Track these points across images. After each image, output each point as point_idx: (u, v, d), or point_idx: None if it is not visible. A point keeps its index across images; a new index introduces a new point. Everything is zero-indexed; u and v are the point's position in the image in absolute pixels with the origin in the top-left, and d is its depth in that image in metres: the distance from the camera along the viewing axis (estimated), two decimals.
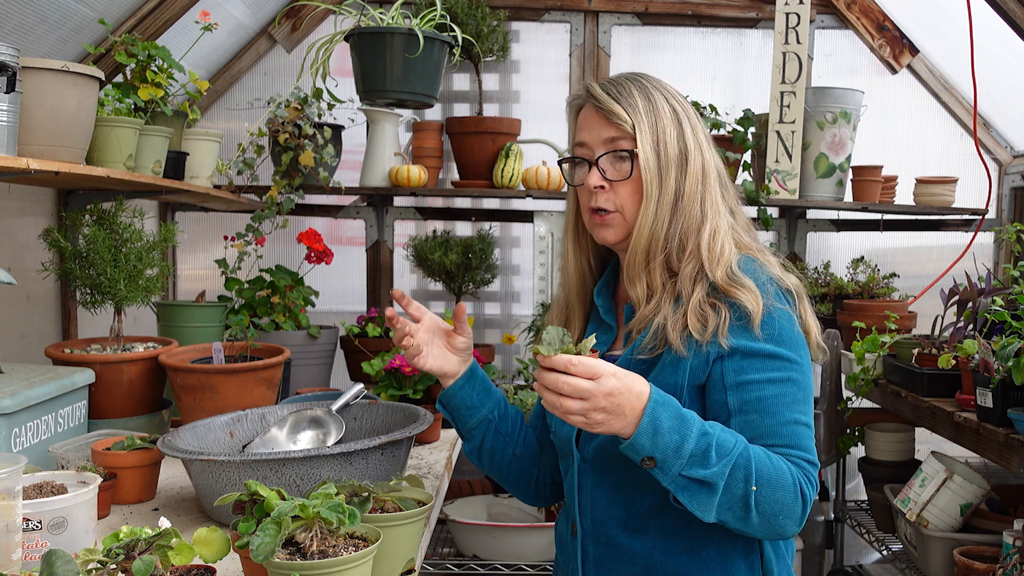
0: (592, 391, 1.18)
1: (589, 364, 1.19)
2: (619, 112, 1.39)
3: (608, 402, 1.19)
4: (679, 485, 1.23)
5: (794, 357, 1.33)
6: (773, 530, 1.27)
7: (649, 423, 1.21)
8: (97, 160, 2.00)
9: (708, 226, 1.39)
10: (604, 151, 1.41)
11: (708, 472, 1.21)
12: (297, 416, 1.84)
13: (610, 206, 1.42)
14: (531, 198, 3.15)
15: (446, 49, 2.60)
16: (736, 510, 1.24)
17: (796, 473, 1.27)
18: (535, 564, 2.81)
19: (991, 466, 2.80)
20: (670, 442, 1.21)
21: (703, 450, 1.22)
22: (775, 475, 1.24)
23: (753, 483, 1.22)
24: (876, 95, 3.30)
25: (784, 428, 1.30)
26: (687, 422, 1.23)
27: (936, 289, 3.05)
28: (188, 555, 1.15)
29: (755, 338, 1.32)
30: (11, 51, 1.56)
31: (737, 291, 1.33)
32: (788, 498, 1.25)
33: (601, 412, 1.20)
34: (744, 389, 1.31)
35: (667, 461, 1.21)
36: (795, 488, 1.26)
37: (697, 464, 1.21)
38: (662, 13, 3.40)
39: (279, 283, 2.86)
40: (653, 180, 1.38)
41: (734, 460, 1.23)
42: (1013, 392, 1.99)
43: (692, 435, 1.22)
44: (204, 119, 3.25)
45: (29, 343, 2.34)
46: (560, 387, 1.19)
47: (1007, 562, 2.05)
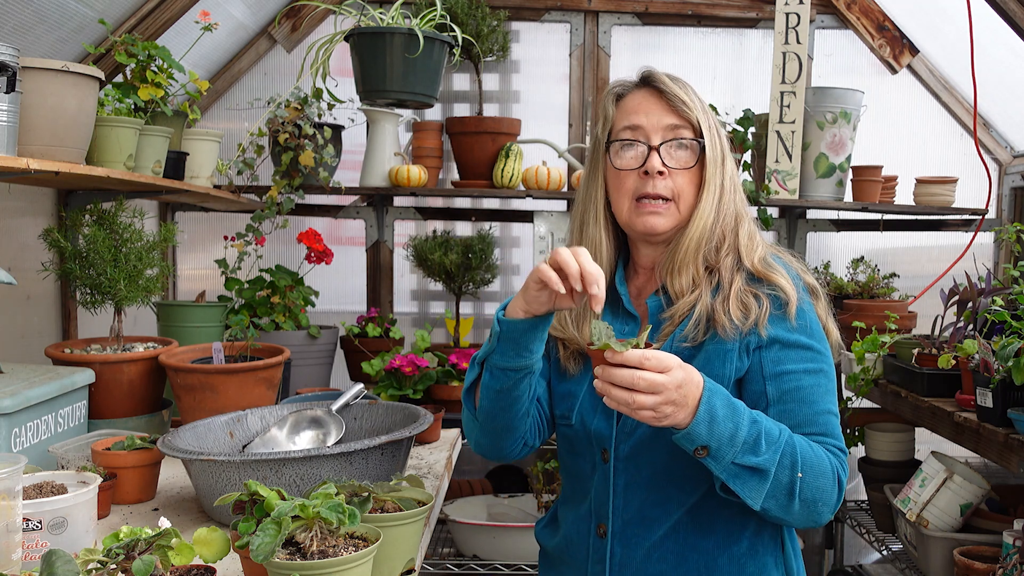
0: (666, 384, 1.18)
1: (661, 358, 1.18)
2: (688, 100, 1.42)
3: (678, 394, 1.19)
4: (731, 473, 1.24)
5: (823, 350, 1.38)
6: (811, 517, 1.29)
7: (706, 412, 1.21)
8: (97, 160, 2.00)
9: (746, 222, 1.45)
10: (668, 137, 1.41)
11: (759, 460, 1.23)
12: (297, 416, 1.84)
13: (667, 193, 1.41)
14: (531, 198, 3.15)
15: (446, 49, 2.60)
16: (781, 497, 1.26)
17: (833, 461, 1.30)
18: (535, 564, 2.81)
19: (991, 466, 2.80)
20: (725, 430, 1.22)
21: (755, 438, 1.23)
22: (817, 463, 1.28)
23: (799, 470, 1.25)
24: (876, 95, 3.30)
25: (820, 417, 1.33)
26: (738, 411, 1.25)
27: (936, 289, 3.05)
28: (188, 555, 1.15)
29: (791, 329, 1.36)
30: (11, 51, 1.56)
31: (774, 275, 1.38)
32: (828, 485, 1.28)
33: (671, 405, 1.19)
34: (783, 379, 1.34)
35: (722, 449, 1.22)
36: (834, 475, 1.29)
37: (749, 452, 1.23)
38: (662, 13, 3.40)
39: (279, 283, 2.86)
40: (715, 172, 1.42)
41: (782, 448, 1.25)
42: (1013, 392, 1.99)
43: (744, 423, 1.23)
44: (204, 119, 3.25)
45: (29, 343, 2.34)
46: (636, 383, 1.17)
47: (1007, 562, 2.05)
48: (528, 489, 3.26)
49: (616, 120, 1.47)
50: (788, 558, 1.43)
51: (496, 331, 1.34)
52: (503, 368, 1.35)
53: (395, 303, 3.47)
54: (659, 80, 1.44)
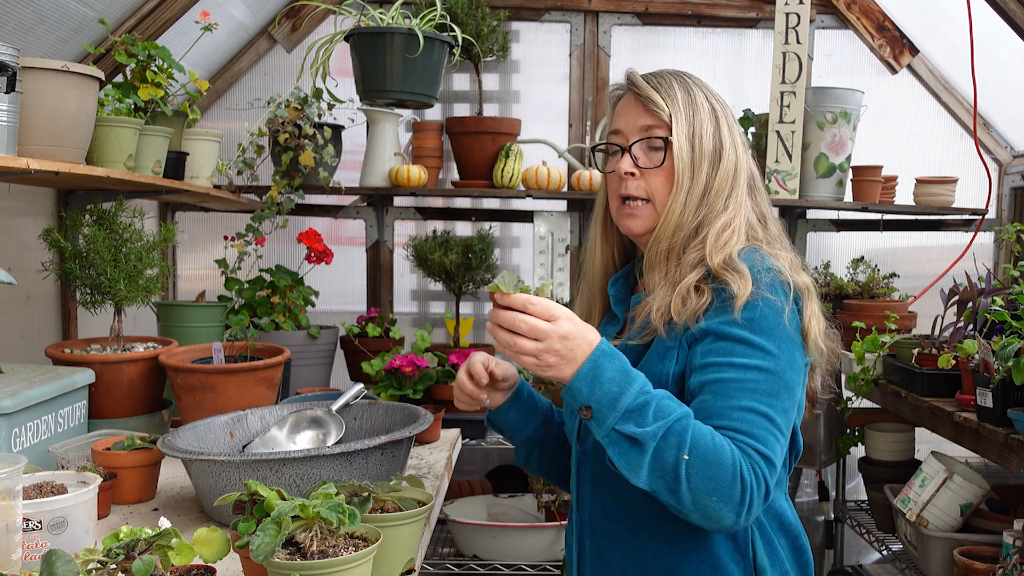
0: (548, 332, 1.19)
1: (547, 305, 1.20)
2: (657, 100, 1.40)
3: (562, 345, 1.19)
4: (611, 440, 1.21)
5: (768, 347, 1.28)
6: (707, 512, 1.20)
7: (590, 369, 1.20)
8: (97, 160, 2.00)
9: (724, 218, 1.38)
10: (638, 138, 1.42)
11: (640, 431, 1.19)
12: (297, 416, 1.84)
13: (640, 193, 1.42)
14: (531, 198, 3.15)
15: (446, 49, 2.60)
16: (668, 479, 1.19)
17: (739, 457, 1.20)
18: (535, 564, 2.81)
19: (991, 466, 2.80)
20: (607, 392, 1.20)
21: (640, 407, 1.20)
22: (713, 452, 1.19)
23: (685, 452, 1.18)
24: (876, 95, 3.30)
25: (735, 412, 1.24)
26: (630, 378, 1.22)
27: (936, 289, 3.05)
28: (188, 555, 1.15)
29: (730, 323, 1.29)
30: (11, 51, 1.56)
31: (727, 274, 1.31)
32: (724, 479, 1.18)
33: (554, 355, 1.19)
34: (706, 371, 1.28)
35: (603, 411, 1.20)
36: (734, 471, 1.19)
37: (631, 421, 1.19)
38: (662, 13, 3.40)
39: (279, 283, 2.86)
40: (685, 171, 1.39)
41: (670, 425, 1.19)
42: (1013, 392, 1.99)
43: (631, 391, 1.20)
44: (204, 119, 3.25)
45: (29, 343, 2.34)
46: (517, 325, 1.19)
47: (1007, 562, 2.05)
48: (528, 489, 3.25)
49: (609, 126, 1.50)
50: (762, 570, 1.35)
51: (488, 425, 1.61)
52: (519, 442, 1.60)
53: (395, 303, 3.47)
54: (634, 81, 1.45)
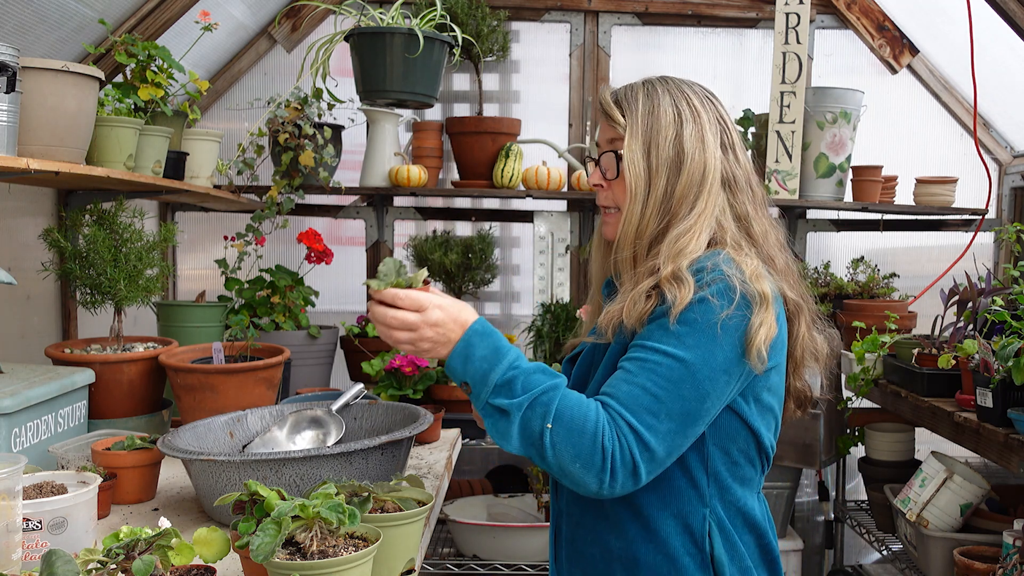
0: (417, 323, 1.27)
1: (415, 297, 1.28)
2: (614, 115, 1.45)
3: (434, 332, 1.28)
4: (486, 412, 1.29)
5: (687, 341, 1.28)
6: (573, 478, 1.26)
7: (462, 348, 1.29)
8: (97, 160, 2.00)
9: (683, 225, 1.38)
10: (603, 151, 1.48)
11: (508, 402, 1.27)
12: (297, 416, 1.84)
13: (608, 203, 1.48)
14: (531, 198, 3.15)
15: (446, 49, 2.60)
16: (536, 446, 1.26)
17: (605, 426, 1.25)
18: (535, 564, 2.81)
19: (991, 466, 2.80)
20: (479, 369, 1.28)
21: (508, 381, 1.28)
22: (578, 420, 1.25)
23: (549, 421, 1.25)
24: (876, 95, 3.30)
25: (626, 386, 1.29)
26: (501, 354, 1.29)
27: (936, 289, 3.05)
28: (188, 555, 1.15)
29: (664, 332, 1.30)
30: (11, 51, 1.56)
31: (668, 284, 1.32)
32: (585, 445, 1.24)
33: (427, 341, 1.29)
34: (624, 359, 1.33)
35: (477, 387, 1.29)
36: (596, 438, 1.24)
37: (502, 394, 1.27)
38: (662, 13, 3.40)
39: (279, 283, 2.86)
40: (639, 181, 1.40)
41: (536, 396, 1.27)
42: (1013, 392, 1.99)
43: (501, 366, 1.28)
44: (204, 119, 3.25)
45: (29, 343, 2.34)
46: (388, 321, 1.28)
47: (1007, 562, 2.05)
48: (528, 489, 3.26)
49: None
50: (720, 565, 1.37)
51: None
52: None
53: None
54: (600, 97, 1.50)
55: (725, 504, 1.39)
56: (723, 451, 1.37)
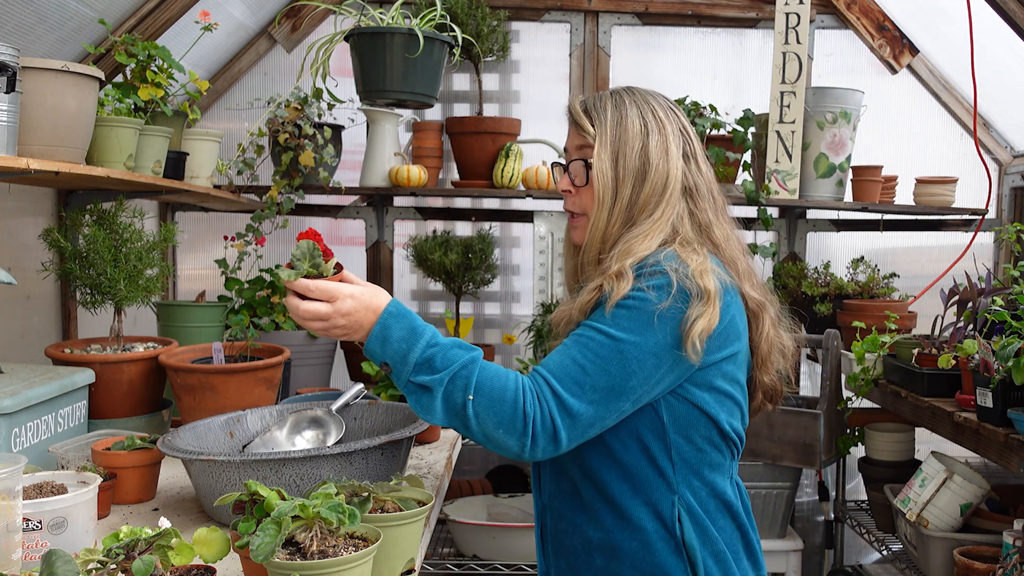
0: (329, 313, 1.33)
1: (325, 288, 1.33)
2: (583, 124, 1.52)
3: (346, 320, 1.34)
4: (408, 390, 1.34)
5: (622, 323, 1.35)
6: (497, 442, 1.33)
7: (379, 331, 1.34)
8: (97, 160, 2.00)
9: (638, 228, 1.44)
10: (573, 158, 1.54)
11: (429, 379, 1.32)
12: (297, 416, 1.84)
13: (576, 209, 1.54)
14: (531, 198, 3.15)
15: (446, 49, 2.60)
16: (460, 416, 1.32)
17: (525, 390, 1.31)
18: (535, 564, 2.81)
19: (991, 466, 2.80)
20: (398, 350, 1.33)
21: (427, 359, 1.32)
22: (498, 389, 1.31)
23: (470, 393, 1.30)
24: (876, 95, 3.30)
25: (556, 356, 1.36)
26: (417, 334, 1.34)
27: (936, 289, 3.05)
28: (188, 555, 1.15)
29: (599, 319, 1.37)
30: (11, 51, 1.56)
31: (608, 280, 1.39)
32: (506, 411, 1.30)
33: (340, 329, 1.35)
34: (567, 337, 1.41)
35: (398, 367, 1.34)
36: (516, 403, 1.30)
37: (423, 372, 1.32)
38: (662, 13, 3.40)
39: (279, 283, 2.86)
40: (607, 189, 1.47)
41: (456, 371, 1.32)
42: (1013, 392, 1.99)
43: (419, 346, 1.33)
44: (204, 119, 3.25)
45: (29, 343, 2.34)
46: (300, 312, 1.34)
47: (1007, 562, 2.05)
48: (528, 489, 3.25)
49: None
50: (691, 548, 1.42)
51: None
52: None
53: None
54: (569, 106, 1.57)
55: (693, 490, 1.44)
56: (685, 439, 1.42)
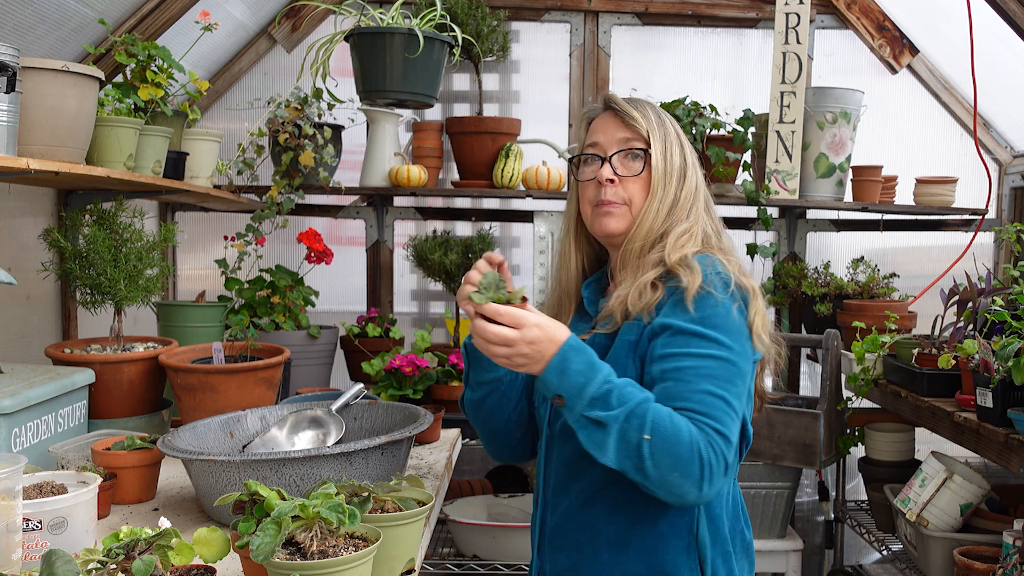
0: (515, 339, 1.32)
1: (514, 314, 1.32)
2: (636, 116, 1.54)
3: (530, 349, 1.32)
4: (580, 424, 1.34)
5: (721, 339, 1.40)
6: (671, 488, 1.32)
7: (558, 363, 1.33)
8: (97, 160, 2.00)
9: (685, 224, 1.52)
10: (619, 148, 1.54)
11: (605, 415, 1.31)
12: (297, 416, 1.84)
13: (618, 199, 1.53)
14: (531, 198, 3.15)
15: (446, 49, 2.60)
16: (633, 458, 1.31)
17: (697, 435, 1.32)
18: None
19: (991, 466, 2.80)
20: (575, 383, 1.32)
21: (604, 394, 1.32)
22: (672, 431, 1.31)
23: (647, 432, 1.30)
24: (876, 95, 3.30)
25: (695, 395, 1.37)
26: (595, 369, 1.34)
27: (936, 289, 3.05)
28: (188, 555, 1.15)
29: (686, 318, 1.41)
30: (11, 51, 1.56)
31: (679, 269, 1.45)
32: (684, 455, 1.30)
33: (523, 357, 1.33)
34: (666, 360, 1.41)
35: (572, 400, 1.33)
36: (692, 447, 1.31)
37: (598, 407, 1.32)
38: (662, 13, 3.40)
39: (279, 283, 2.86)
40: (659, 180, 1.52)
41: (631, 408, 1.31)
42: (1013, 392, 1.99)
43: (596, 380, 1.33)
44: (204, 119, 3.25)
45: (29, 343, 2.34)
46: (488, 336, 1.32)
47: (1007, 562, 2.05)
48: (528, 489, 3.25)
49: (584, 140, 1.62)
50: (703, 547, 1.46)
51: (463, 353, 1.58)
52: (478, 382, 1.57)
53: (395, 303, 3.47)
54: (614, 101, 1.58)
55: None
56: None
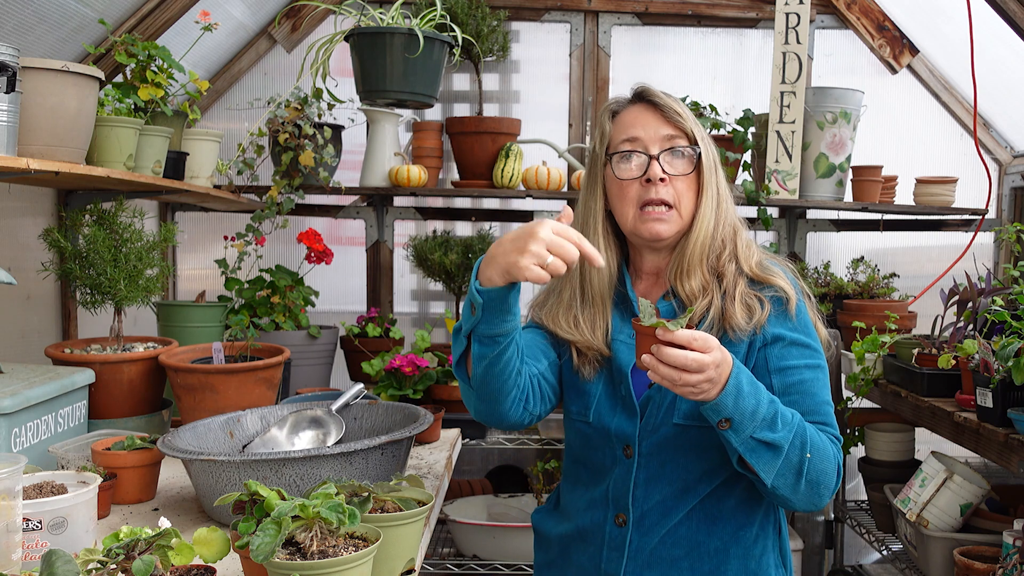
0: (708, 364, 1.26)
1: (707, 338, 1.27)
2: (681, 111, 1.50)
3: (716, 372, 1.28)
4: (749, 447, 1.32)
5: (816, 346, 1.47)
6: (813, 499, 1.38)
7: (734, 386, 1.30)
8: (97, 160, 2.00)
9: (742, 231, 1.54)
10: (665, 147, 1.49)
11: (776, 436, 1.32)
12: (297, 416, 1.84)
13: (670, 199, 1.49)
14: (531, 198, 3.15)
15: (446, 49, 2.60)
16: (790, 476, 1.35)
17: (833, 448, 1.40)
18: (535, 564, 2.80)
19: (991, 466, 2.80)
20: (748, 405, 1.31)
21: (772, 415, 1.33)
22: (823, 447, 1.38)
23: (808, 451, 1.34)
24: (876, 95, 3.30)
25: (821, 407, 1.44)
26: (760, 390, 1.34)
27: (936, 289, 3.05)
28: (188, 555, 1.15)
29: (792, 328, 1.46)
30: (11, 51, 1.56)
31: (772, 277, 1.48)
32: (830, 469, 1.38)
33: (709, 382, 1.28)
34: (787, 373, 1.44)
35: (743, 422, 1.31)
36: (835, 460, 1.40)
37: (767, 428, 1.32)
38: (662, 13, 3.40)
39: (279, 283, 2.86)
40: (711, 179, 1.51)
41: (795, 428, 1.34)
42: (1013, 392, 1.99)
43: (764, 401, 1.33)
44: (204, 119, 3.25)
45: (29, 343, 2.34)
46: (688, 364, 1.25)
47: (1007, 562, 2.05)
48: (528, 489, 3.26)
49: (614, 135, 1.54)
50: (784, 543, 1.56)
51: (479, 302, 1.34)
52: (491, 335, 1.37)
53: (395, 303, 3.47)
54: (654, 95, 1.52)
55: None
56: None
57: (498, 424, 1.53)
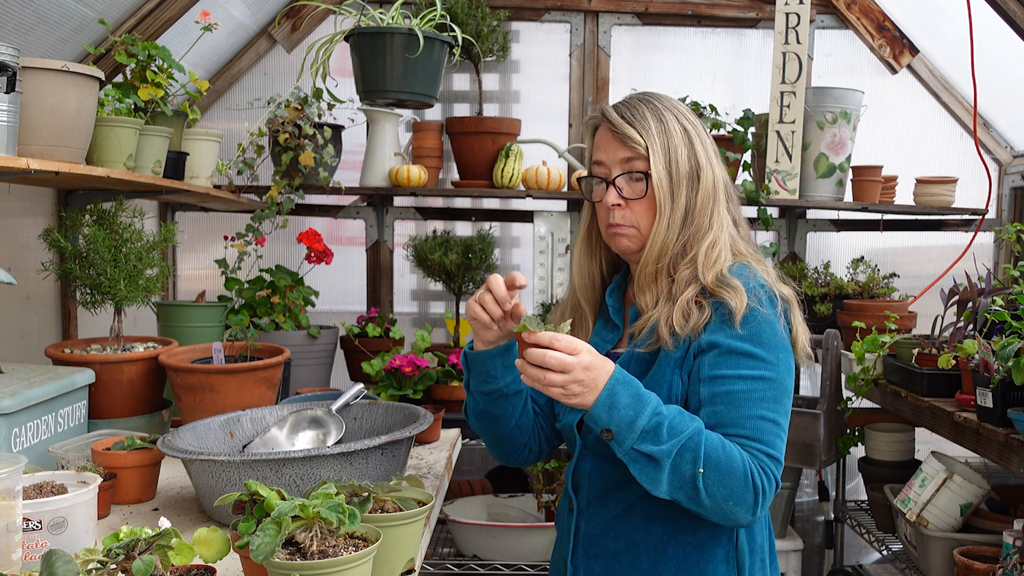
0: (573, 364, 1.29)
1: (571, 340, 1.30)
2: (632, 135, 1.47)
3: (585, 375, 1.30)
4: (631, 458, 1.33)
5: (769, 358, 1.40)
6: (725, 515, 1.34)
7: (607, 397, 1.31)
8: (97, 160, 2.00)
9: (710, 236, 1.48)
10: (620, 172, 1.49)
11: (656, 449, 1.31)
12: (297, 416, 1.84)
13: (626, 222, 1.50)
14: (531, 198, 3.15)
15: (446, 49, 2.60)
16: (687, 489, 1.32)
17: (750, 462, 1.34)
18: (535, 564, 2.81)
19: (991, 466, 2.80)
20: (624, 416, 1.31)
21: (654, 427, 1.31)
22: (725, 462, 1.32)
23: (700, 466, 1.30)
24: (876, 95, 3.30)
25: (747, 421, 1.37)
26: (643, 401, 1.33)
27: (936, 289, 3.05)
28: (188, 555, 1.15)
29: (734, 336, 1.40)
30: (11, 51, 1.56)
31: (723, 291, 1.42)
32: (737, 485, 1.32)
33: (579, 384, 1.30)
34: (716, 382, 1.40)
35: (621, 434, 1.32)
36: (745, 476, 1.32)
37: (648, 440, 1.31)
38: (662, 13, 3.40)
39: (279, 283, 2.86)
40: (666, 199, 1.47)
41: (683, 442, 1.31)
42: (1013, 392, 1.99)
43: (646, 413, 1.31)
44: (204, 119, 3.25)
45: (29, 343, 2.34)
46: (547, 361, 1.28)
47: (1007, 562, 2.05)
48: (528, 489, 3.26)
49: (591, 154, 1.57)
50: (741, 554, 1.47)
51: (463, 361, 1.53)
52: (479, 391, 1.53)
53: (395, 303, 3.47)
54: (608, 117, 1.51)
55: None
56: None
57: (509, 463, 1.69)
